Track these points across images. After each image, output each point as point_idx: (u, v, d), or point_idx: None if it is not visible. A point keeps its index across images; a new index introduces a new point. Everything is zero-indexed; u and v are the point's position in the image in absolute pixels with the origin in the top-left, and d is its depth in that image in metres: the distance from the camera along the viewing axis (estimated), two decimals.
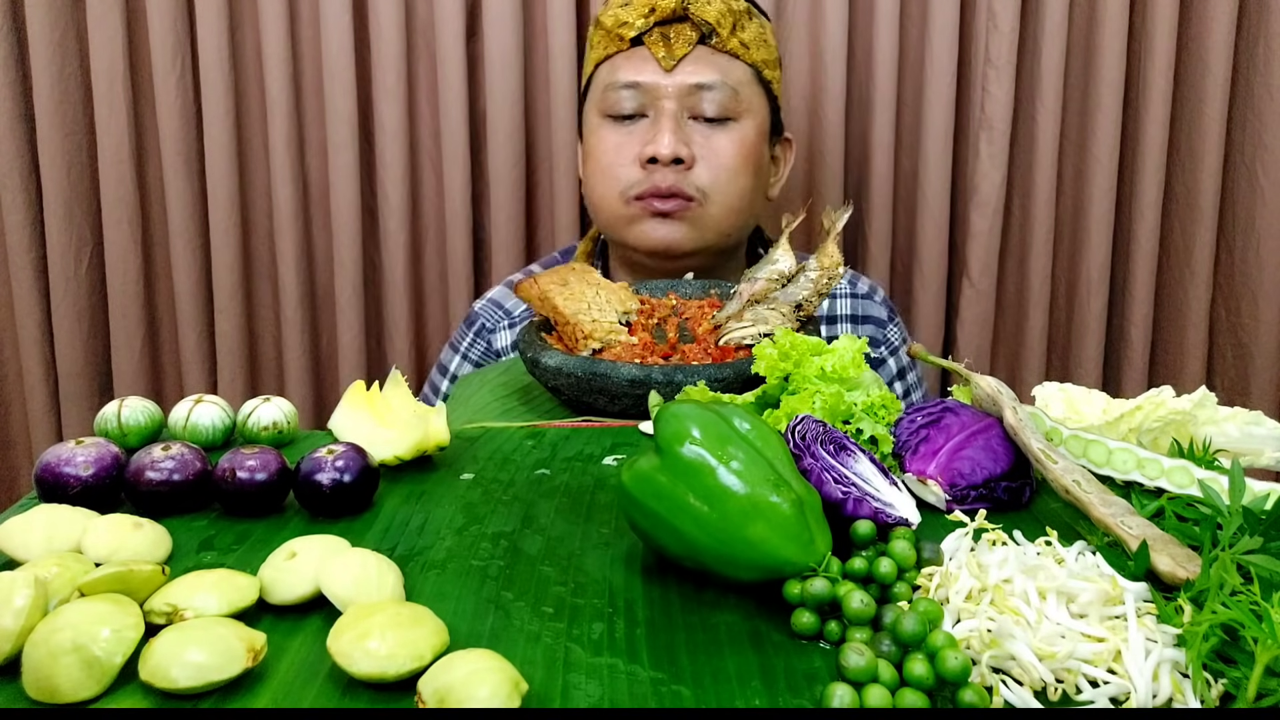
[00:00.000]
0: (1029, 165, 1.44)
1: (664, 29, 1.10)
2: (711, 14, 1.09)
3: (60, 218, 1.44)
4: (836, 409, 0.68)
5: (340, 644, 0.44)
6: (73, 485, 0.59)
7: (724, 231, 1.11)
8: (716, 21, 1.09)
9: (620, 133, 1.11)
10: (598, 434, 0.77)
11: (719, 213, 1.10)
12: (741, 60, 1.11)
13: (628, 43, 1.11)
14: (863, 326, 1.20)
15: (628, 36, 1.11)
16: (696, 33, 1.09)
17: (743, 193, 1.11)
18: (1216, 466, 0.62)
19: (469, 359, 1.19)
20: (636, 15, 1.10)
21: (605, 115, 1.12)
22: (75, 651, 0.42)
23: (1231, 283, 1.48)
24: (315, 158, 1.46)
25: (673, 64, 1.08)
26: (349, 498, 0.60)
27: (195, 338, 1.48)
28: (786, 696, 0.44)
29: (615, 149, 1.11)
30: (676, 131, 1.07)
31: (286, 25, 1.40)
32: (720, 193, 1.09)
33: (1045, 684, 0.44)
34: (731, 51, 1.10)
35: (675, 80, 1.08)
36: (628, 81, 1.10)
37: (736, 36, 1.10)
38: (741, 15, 1.12)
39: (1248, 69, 1.42)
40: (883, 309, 1.21)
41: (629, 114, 1.10)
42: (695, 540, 0.50)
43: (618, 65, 1.11)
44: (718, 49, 1.10)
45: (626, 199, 1.10)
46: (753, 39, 1.12)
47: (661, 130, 1.07)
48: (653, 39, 1.10)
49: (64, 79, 1.42)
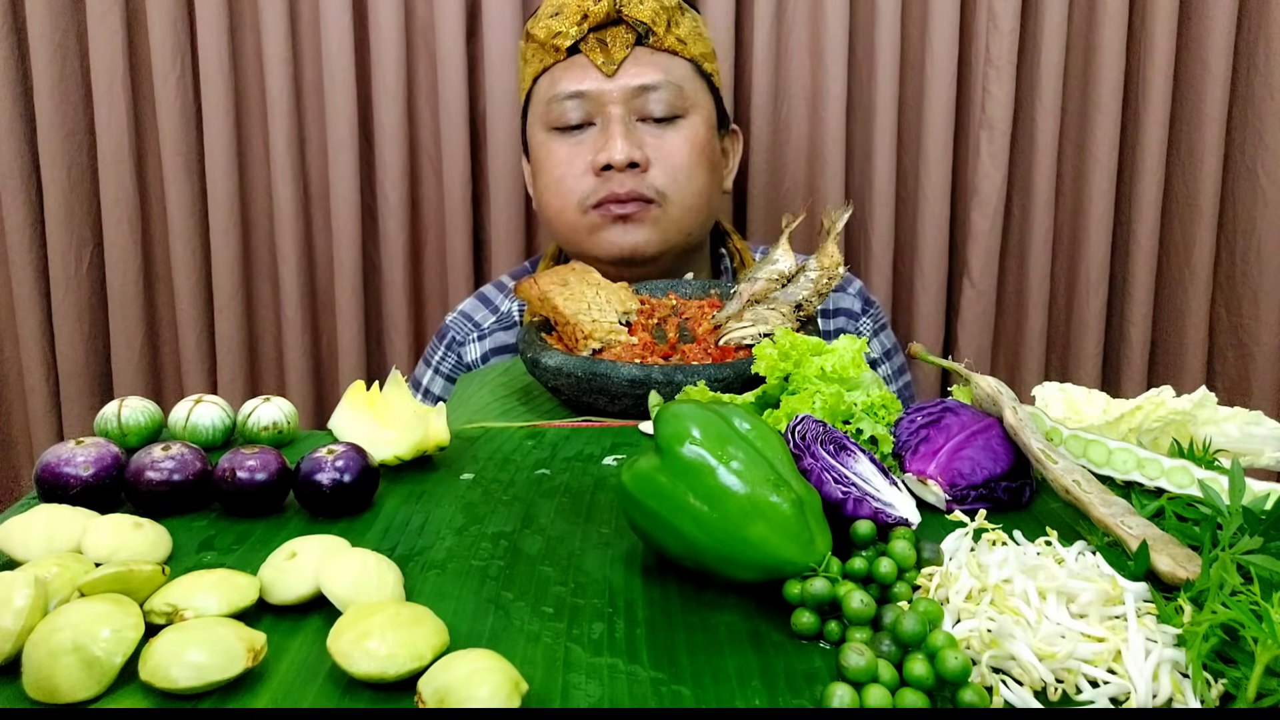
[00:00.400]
0: (1029, 165, 1.44)
1: (599, 34, 1.08)
2: (645, 13, 1.08)
3: (60, 218, 1.44)
4: (836, 409, 0.68)
5: (340, 644, 0.44)
6: (73, 485, 0.59)
7: (686, 230, 1.11)
8: (651, 20, 1.08)
9: (569, 144, 1.09)
10: (598, 434, 0.77)
11: (679, 212, 1.09)
12: (681, 56, 1.10)
13: (564, 53, 1.10)
14: (834, 320, 1.19)
15: (563, 46, 1.09)
16: (633, 34, 1.08)
17: (700, 189, 1.10)
18: (1216, 466, 0.62)
19: (440, 372, 1.19)
20: (569, 24, 1.08)
21: (551, 128, 1.11)
22: (75, 651, 0.42)
23: (1231, 282, 1.48)
24: (315, 158, 1.46)
25: (614, 68, 1.07)
26: (349, 498, 0.60)
27: (195, 338, 1.48)
28: (786, 696, 0.44)
29: (566, 161, 1.09)
30: (628, 136, 1.07)
31: (286, 25, 1.40)
32: (679, 192, 1.08)
33: (1045, 684, 0.44)
34: (670, 49, 1.10)
35: (619, 84, 1.07)
36: (571, 91, 1.08)
37: (673, 33, 1.10)
38: (674, 11, 1.11)
39: (1248, 69, 1.42)
40: (856, 300, 1.20)
41: (576, 124, 1.09)
42: (695, 540, 0.50)
43: (557, 76, 1.10)
44: (656, 48, 1.09)
45: (584, 209, 1.08)
46: (688, 33, 1.11)
47: (612, 136, 1.06)
48: (589, 46, 1.08)
49: (64, 79, 1.42)
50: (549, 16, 1.11)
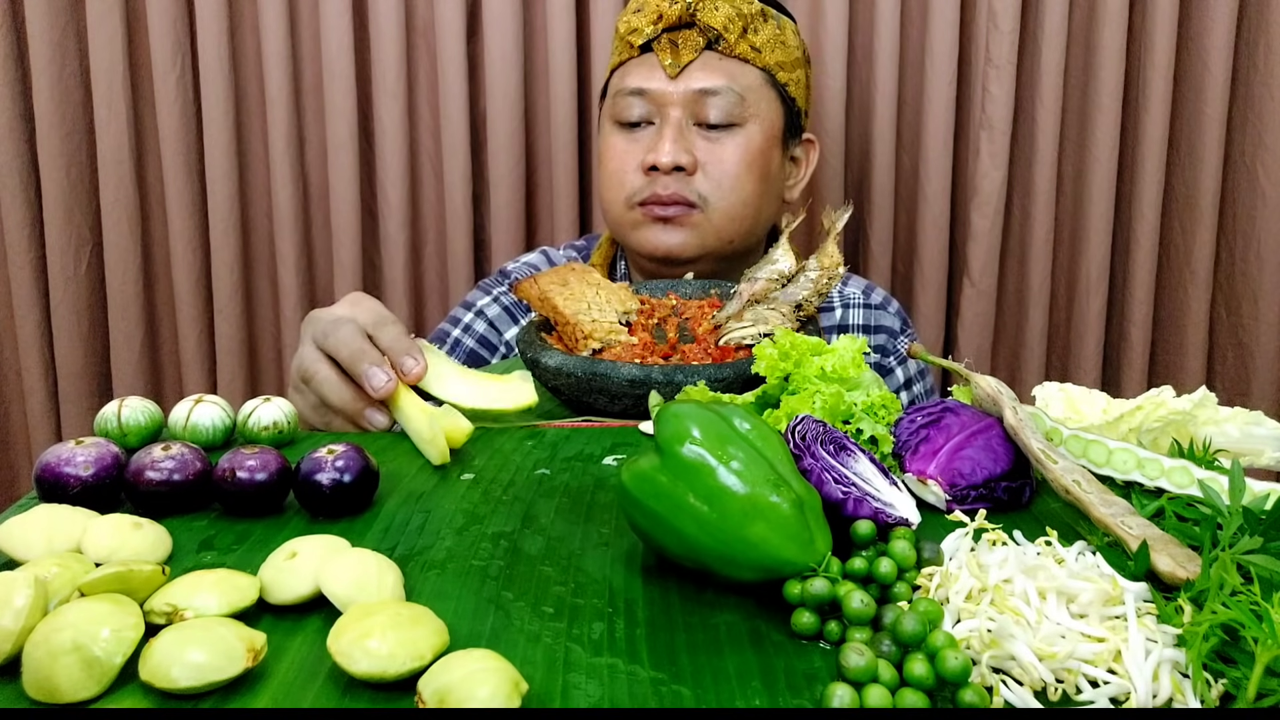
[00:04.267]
0: (1029, 165, 1.44)
1: (672, 35, 1.10)
2: (718, 19, 1.09)
3: (60, 217, 1.44)
4: (836, 409, 0.68)
5: (340, 644, 0.44)
6: (73, 485, 0.59)
7: (726, 238, 1.11)
8: (723, 27, 1.09)
9: (627, 139, 1.12)
10: (598, 434, 0.77)
11: (720, 220, 1.10)
12: (752, 64, 1.11)
13: (638, 49, 1.12)
14: (875, 336, 1.21)
15: (637, 43, 1.12)
16: (703, 38, 1.10)
17: (747, 199, 1.11)
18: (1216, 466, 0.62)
19: (499, 302, 1.20)
20: (646, 22, 1.11)
21: (615, 121, 1.13)
22: (75, 651, 0.42)
23: (1231, 282, 1.48)
24: (315, 158, 1.46)
25: (678, 70, 1.09)
26: (349, 498, 0.60)
27: (195, 338, 1.48)
28: (786, 696, 0.44)
29: (621, 155, 1.12)
30: (678, 140, 1.08)
31: (286, 25, 1.40)
32: (722, 199, 1.09)
33: (1045, 684, 0.44)
34: (740, 56, 1.10)
35: (679, 87, 1.09)
36: (634, 88, 1.11)
37: (746, 40, 1.10)
38: (754, 18, 1.11)
39: (1248, 69, 1.42)
40: (896, 320, 1.22)
41: (636, 121, 1.11)
42: (695, 540, 0.50)
43: (628, 72, 1.12)
44: (726, 54, 1.10)
45: (631, 205, 1.11)
46: (766, 41, 1.11)
47: (663, 138, 1.08)
48: (661, 45, 1.10)
49: (64, 79, 1.42)
50: (632, 12, 1.14)
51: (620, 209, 1.12)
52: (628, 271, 1.22)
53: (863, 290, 1.23)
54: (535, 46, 1.45)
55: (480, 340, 1.18)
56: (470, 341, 1.17)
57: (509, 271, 1.24)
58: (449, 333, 1.19)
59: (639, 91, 1.10)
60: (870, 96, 1.43)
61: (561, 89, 1.41)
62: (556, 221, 1.47)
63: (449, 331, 1.19)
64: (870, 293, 1.23)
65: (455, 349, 1.17)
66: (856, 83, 1.45)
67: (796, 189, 1.20)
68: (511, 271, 1.23)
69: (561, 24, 1.40)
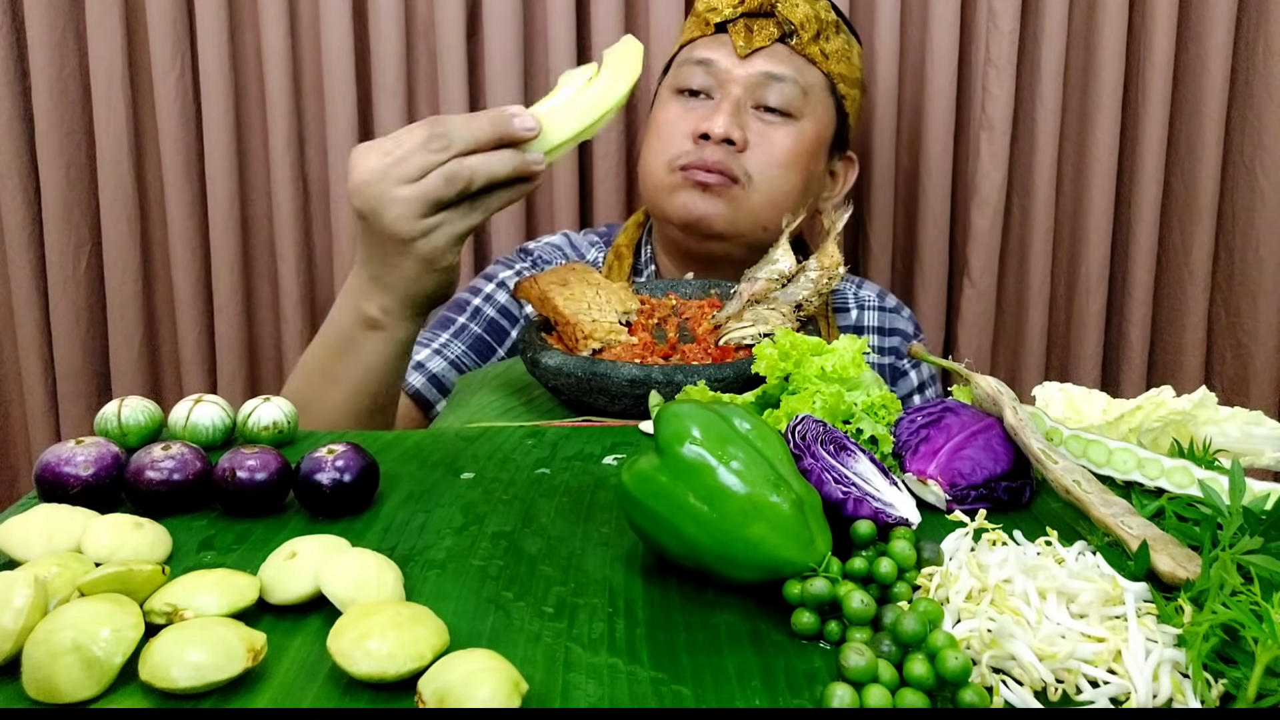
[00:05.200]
0: (1029, 165, 1.44)
1: (749, 20, 1.12)
2: (797, 15, 1.11)
3: (59, 217, 1.44)
4: (836, 409, 0.68)
5: (340, 644, 0.44)
6: (73, 485, 0.59)
7: (761, 222, 1.11)
8: (800, 23, 1.11)
9: (683, 106, 1.13)
10: (598, 434, 0.77)
11: (760, 200, 1.10)
12: (818, 67, 1.13)
13: (713, 28, 1.14)
14: (889, 338, 1.21)
15: (714, 21, 1.14)
16: (779, 30, 1.11)
17: (789, 190, 1.11)
18: (1216, 466, 0.62)
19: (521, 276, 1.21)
20: (726, 4, 1.13)
21: (674, 90, 1.15)
22: (75, 651, 0.42)
23: (1231, 283, 1.48)
24: (315, 158, 1.46)
25: (748, 52, 1.10)
26: (349, 497, 0.60)
27: (194, 338, 1.48)
28: (786, 696, 0.44)
29: (674, 120, 1.13)
30: (735, 115, 1.09)
31: (286, 25, 1.40)
32: (766, 181, 1.10)
33: (1045, 684, 0.44)
34: (809, 55, 1.12)
35: (747, 68, 1.10)
36: (701, 58, 1.13)
37: (818, 44, 1.12)
38: (829, 26, 1.14)
39: (1247, 69, 1.42)
40: (909, 324, 1.24)
41: (695, 90, 1.13)
42: (695, 540, 0.50)
43: (698, 46, 1.14)
44: (796, 50, 1.12)
45: (672, 168, 1.11)
46: (835, 51, 1.13)
47: (720, 111, 1.09)
48: (736, 27, 1.12)
49: (63, 79, 1.42)
50: None
51: (662, 172, 1.12)
52: (653, 255, 1.22)
53: (877, 294, 1.24)
54: (535, 46, 1.45)
55: (501, 310, 1.19)
56: (491, 310, 1.18)
57: (530, 250, 1.25)
58: (469, 301, 1.19)
59: (705, 62, 1.12)
60: (870, 96, 1.43)
61: None
62: (557, 221, 1.47)
63: (469, 300, 1.19)
64: (885, 297, 1.25)
65: (476, 317, 1.17)
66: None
67: (829, 203, 1.21)
68: (534, 250, 1.24)
69: (561, 24, 1.40)
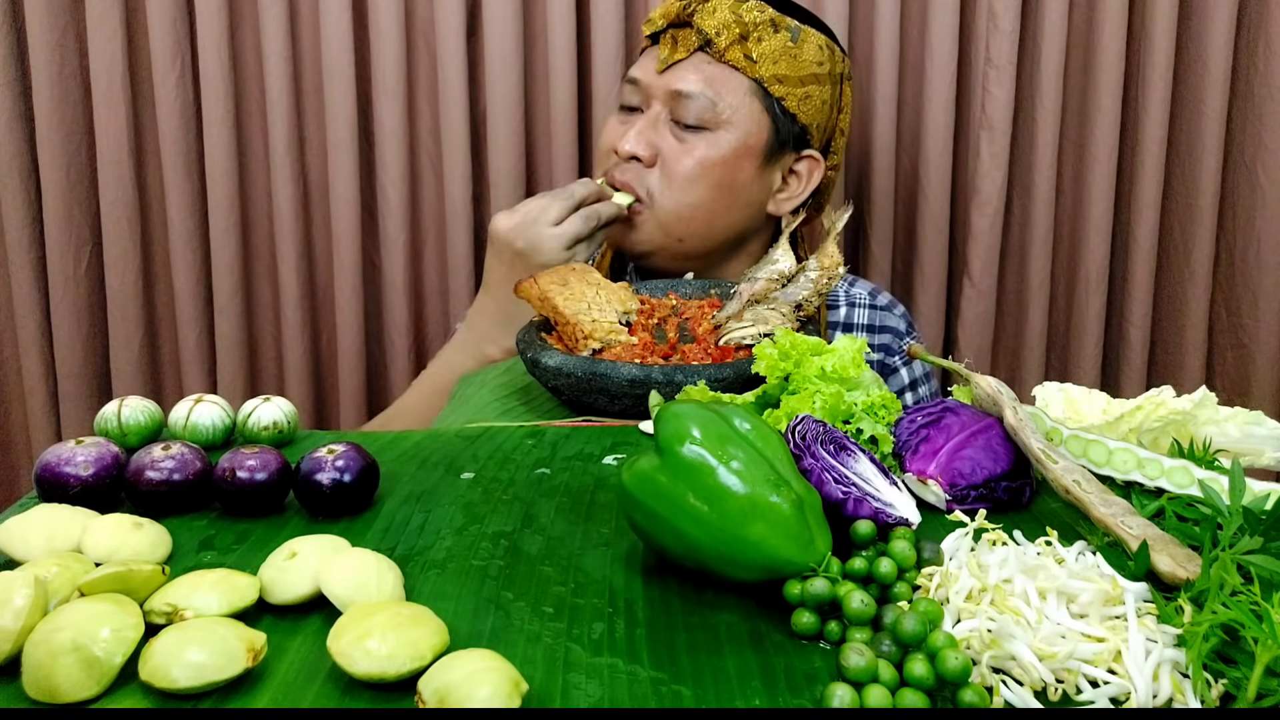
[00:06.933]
0: (1029, 165, 1.44)
1: (675, 31, 1.12)
2: (711, 24, 1.09)
3: (59, 217, 1.44)
4: (836, 409, 0.68)
5: (340, 644, 0.44)
6: (73, 485, 0.59)
7: (674, 234, 1.11)
8: (715, 31, 1.09)
9: (619, 122, 1.15)
10: (598, 434, 0.77)
11: (664, 218, 1.11)
12: (743, 74, 1.10)
13: (650, 40, 1.15)
14: (879, 335, 1.21)
15: (647, 33, 1.15)
16: (698, 40, 1.10)
17: (696, 202, 1.10)
18: (1217, 466, 0.62)
19: None
20: (659, 15, 1.14)
21: (618, 106, 1.17)
22: (75, 651, 0.42)
23: (1231, 282, 1.48)
24: (315, 158, 1.46)
25: (664, 67, 1.11)
26: (349, 497, 0.60)
27: (195, 338, 1.48)
28: (786, 696, 0.44)
29: (609, 136, 1.15)
30: (645, 131, 1.10)
31: (286, 25, 1.40)
32: (668, 199, 1.10)
33: (1045, 684, 0.44)
34: (731, 62, 1.10)
35: (661, 82, 1.11)
36: (631, 76, 1.14)
37: (742, 48, 1.10)
38: (760, 28, 1.10)
39: (1248, 69, 1.42)
40: (901, 322, 1.22)
41: (632, 106, 1.14)
42: (695, 540, 0.50)
43: (638, 60, 1.16)
44: (716, 59, 1.10)
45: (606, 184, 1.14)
46: (770, 52, 1.10)
47: (631, 126, 1.11)
48: (664, 40, 1.12)
49: (63, 79, 1.42)
50: (660, 2, 1.17)
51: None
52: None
53: (869, 292, 1.23)
54: (535, 46, 1.45)
55: None
56: None
57: None
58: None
59: (633, 80, 1.14)
60: (870, 97, 1.43)
61: (561, 89, 1.41)
62: None
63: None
64: (877, 295, 1.23)
65: None
66: (857, 83, 1.44)
67: (786, 204, 1.17)
68: None
69: (561, 24, 1.40)
